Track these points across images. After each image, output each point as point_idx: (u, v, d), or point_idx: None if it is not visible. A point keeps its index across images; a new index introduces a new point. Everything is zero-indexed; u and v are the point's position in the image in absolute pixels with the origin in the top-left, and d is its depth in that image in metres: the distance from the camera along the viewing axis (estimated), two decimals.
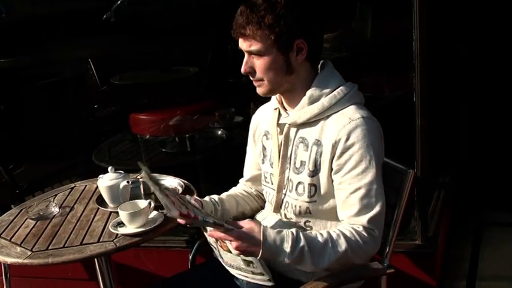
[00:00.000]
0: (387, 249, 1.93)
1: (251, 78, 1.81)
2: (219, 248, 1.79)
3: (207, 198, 2.05)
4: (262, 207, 2.10)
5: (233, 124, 3.40)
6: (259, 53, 1.74)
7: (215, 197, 2.08)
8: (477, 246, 3.15)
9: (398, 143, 1.88)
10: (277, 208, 1.90)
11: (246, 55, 1.77)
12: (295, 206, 1.83)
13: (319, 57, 1.82)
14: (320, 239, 1.68)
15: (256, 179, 2.10)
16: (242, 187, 2.18)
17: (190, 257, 2.26)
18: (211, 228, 1.66)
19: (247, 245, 1.63)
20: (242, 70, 1.79)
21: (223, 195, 2.12)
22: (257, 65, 1.76)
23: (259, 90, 1.82)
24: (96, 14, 4.50)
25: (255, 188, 2.14)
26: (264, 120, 1.99)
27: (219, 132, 3.37)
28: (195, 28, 4.18)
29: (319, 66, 1.84)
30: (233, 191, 2.17)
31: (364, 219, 1.71)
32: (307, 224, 1.85)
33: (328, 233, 1.70)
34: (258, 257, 1.65)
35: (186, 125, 3.45)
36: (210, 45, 4.03)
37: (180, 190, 2.30)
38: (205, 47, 4.06)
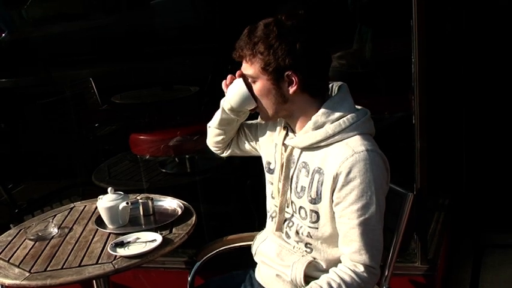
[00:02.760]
0: (386, 273, 1.92)
1: None
2: None
3: None
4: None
5: None
6: (252, 78, 1.77)
7: None
8: (477, 268, 3.14)
9: (398, 166, 1.87)
10: (279, 228, 1.90)
11: None
12: (301, 227, 1.83)
13: (320, 89, 1.79)
14: None
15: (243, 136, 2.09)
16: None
17: (189, 278, 2.25)
18: None
19: None
20: None
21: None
22: (253, 89, 1.78)
23: (260, 116, 1.86)
24: (97, 34, 4.54)
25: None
26: (275, 130, 1.96)
27: None
28: (196, 47, 4.22)
29: (335, 89, 1.81)
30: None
31: (365, 257, 1.69)
32: (307, 246, 1.84)
33: (329, 284, 1.68)
34: None
35: (186, 145, 3.45)
36: (210, 65, 4.05)
37: (180, 211, 2.30)
38: (206, 66, 4.09)
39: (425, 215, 2.67)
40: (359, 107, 1.81)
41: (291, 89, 1.73)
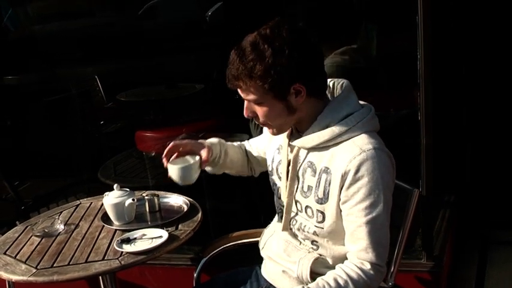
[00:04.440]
0: (392, 269, 1.92)
1: (255, 121, 1.80)
2: None
3: (215, 140, 2.06)
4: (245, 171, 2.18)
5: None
6: (256, 102, 1.72)
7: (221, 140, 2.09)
8: (483, 265, 3.14)
9: (403, 162, 1.87)
10: (286, 227, 1.90)
11: (246, 101, 1.75)
12: (305, 225, 1.83)
13: (324, 89, 1.77)
14: None
15: (255, 152, 2.13)
16: (245, 145, 2.18)
17: (195, 275, 2.26)
18: None
19: None
20: (245, 115, 1.77)
21: (229, 143, 2.13)
22: (258, 111, 1.74)
23: (269, 131, 1.83)
24: (102, 32, 4.55)
25: (251, 156, 2.15)
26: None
27: None
28: (200, 44, 4.22)
29: (337, 86, 1.81)
30: (236, 144, 2.17)
31: (372, 255, 1.69)
32: (314, 243, 1.84)
33: (336, 280, 1.68)
34: None
35: None
36: (215, 61, 4.05)
37: (185, 208, 2.30)
38: (210, 63, 4.09)
39: (431, 212, 2.67)
40: (362, 103, 1.81)
41: (300, 99, 1.70)
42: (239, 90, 1.73)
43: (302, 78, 1.67)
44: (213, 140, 2.08)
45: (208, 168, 2.08)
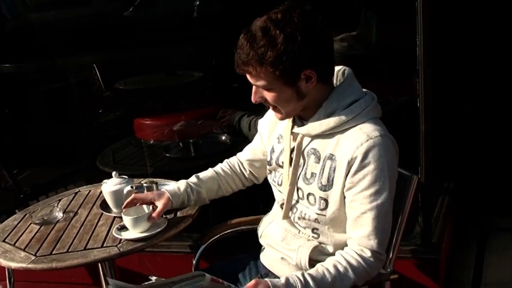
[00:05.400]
0: (391, 255, 1.93)
1: (265, 104, 1.78)
2: None
3: (182, 186, 2.06)
4: (245, 187, 2.16)
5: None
6: (265, 88, 1.70)
7: (194, 180, 2.09)
8: (482, 252, 3.14)
9: (402, 149, 1.87)
10: (287, 216, 1.89)
11: (254, 86, 1.74)
12: (305, 213, 1.83)
13: (332, 75, 1.76)
14: (328, 277, 1.66)
15: (255, 162, 2.10)
16: (235, 164, 2.17)
17: (194, 261, 2.26)
18: None
19: None
20: (252, 100, 1.76)
21: (208, 176, 2.12)
22: (267, 96, 1.72)
23: (277, 116, 1.80)
24: (101, 20, 4.53)
25: (250, 169, 2.14)
26: (279, 124, 1.94)
27: (223, 137, 3.37)
28: (199, 32, 4.20)
29: (339, 74, 1.79)
30: (221, 170, 2.15)
31: (374, 243, 1.69)
32: (314, 231, 1.84)
33: (335, 267, 1.68)
34: None
35: (190, 130, 3.45)
36: (214, 50, 4.04)
37: None
38: (209, 51, 4.08)
39: (430, 198, 2.67)
40: (365, 91, 1.81)
41: (310, 85, 1.68)
42: (248, 76, 1.71)
43: (313, 64, 1.66)
44: (181, 184, 2.08)
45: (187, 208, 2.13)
